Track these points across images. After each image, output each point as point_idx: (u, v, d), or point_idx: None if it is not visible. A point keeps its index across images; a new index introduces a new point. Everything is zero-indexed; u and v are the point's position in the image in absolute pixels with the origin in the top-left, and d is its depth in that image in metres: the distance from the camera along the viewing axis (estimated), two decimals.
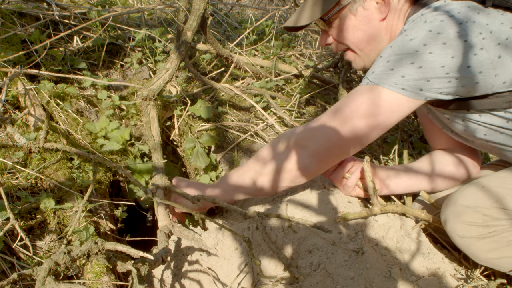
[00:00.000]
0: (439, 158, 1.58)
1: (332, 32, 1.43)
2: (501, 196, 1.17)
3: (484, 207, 1.18)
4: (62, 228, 1.32)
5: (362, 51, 1.40)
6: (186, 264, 1.39)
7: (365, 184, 1.41)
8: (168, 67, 1.73)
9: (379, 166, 1.58)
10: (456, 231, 1.25)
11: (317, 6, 1.35)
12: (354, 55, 1.44)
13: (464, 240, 1.24)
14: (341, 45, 1.45)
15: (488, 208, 1.18)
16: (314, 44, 3.05)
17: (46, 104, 1.72)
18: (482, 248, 1.23)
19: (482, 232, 1.20)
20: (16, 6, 2.15)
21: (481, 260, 1.27)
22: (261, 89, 2.20)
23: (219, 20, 3.07)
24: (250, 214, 1.34)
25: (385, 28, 1.35)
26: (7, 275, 1.12)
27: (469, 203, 1.21)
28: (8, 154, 1.45)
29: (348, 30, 1.37)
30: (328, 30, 1.43)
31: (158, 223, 1.44)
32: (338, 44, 1.45)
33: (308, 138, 1.29)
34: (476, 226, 1.20)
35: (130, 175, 1.46)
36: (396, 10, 1.34)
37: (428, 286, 1.29)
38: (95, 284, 1.18)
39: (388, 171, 1.54)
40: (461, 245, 1.27)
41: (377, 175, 1.50)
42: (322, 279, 1.24)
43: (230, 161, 2.12)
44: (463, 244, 1.26)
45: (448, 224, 1.27)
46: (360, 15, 1.34)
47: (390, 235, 1.41)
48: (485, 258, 1.25)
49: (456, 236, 1.26)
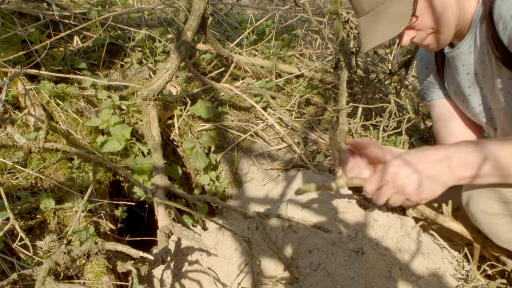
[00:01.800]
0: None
1: (420, 21, 1.28)
2: None
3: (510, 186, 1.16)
4: (62, 228, 1.32)
5: (443, 28, 1.29)
6: (186, 264, 1.39)
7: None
8: (168, 67, 1.73)
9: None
10: (479, 206, 1.22)
11: (400, 6, 1.24)
12: (435, 37, 1.32)
13: (487, 217, 1.23)
14: (424, 32, 1.32)
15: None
16: (314, 44, 3.05)
17: (46, 104, 1.72)
18: (504, 227, 1.21)
19: (504, 210, 1.19)
20: (16, 6, 2.15)
21: (501, 241, 1.25)
22: (261, 89, 2.20)
23: (219, 20, 3.07)
24: (250, 214, 1.34)
25: (458, 2, 1.27)
26: (7, 275, 1.12)
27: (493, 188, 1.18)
28: (8, 154, 1.45)
29: (429, 13, 1.25)
30: (412, 24, 1.29)
31: (158, 223, 1.44)
32: (421, 33, 1.32)
33: None
34: (499, 202, 1.19)
35: (130, 175, 1.46)
36: None
37: (428, 286, 1.29)
38: (95, 284, 1.18)
39: None
40: (483, 222, 1.25)
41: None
42: (322, 279, 1.24)
43: (230, 161, 2.12)
44: (485, 221, 1.24)
45: (472, 201, 1.24)
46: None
47: (390, 235, 1.41)
48: (506, 237, 1.24)
49: (479, 212, 1.23)
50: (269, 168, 2.05)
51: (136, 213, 1.83)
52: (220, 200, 1.39)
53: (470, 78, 1.40)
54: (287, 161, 2.05)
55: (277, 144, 2.14)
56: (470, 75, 1.39)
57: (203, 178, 2.03)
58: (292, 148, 2.08)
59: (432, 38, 1.35)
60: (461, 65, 1.40)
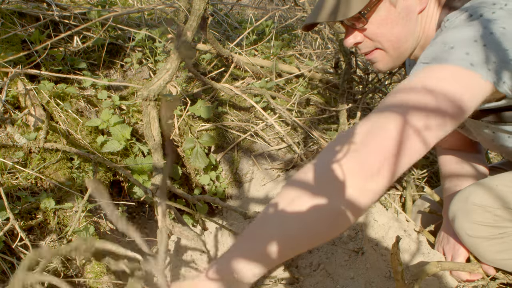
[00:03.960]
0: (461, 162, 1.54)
1: (368, 27, 1.20)
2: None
3: (495, 207, 1.15)
4: (62, 228, 1.32)
5: (395, 50, 1.22)
6: (186, 264, 1.39)
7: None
8: (168, 67, 1.73)
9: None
10: (464, 229, 1.22)
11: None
12: (383, 54, 1.25)
13: (472, 240, 1.22)
14: (372, 43, 1.24)
15: (500, 208, 1.14)
16: (314, 44, 3.05)
17: (46, 104, 1.72)
18: (490, 249, 1.21)
19: (491, 233, 1.17)
20: (16, 6, 2.15)
21: (487, 260, 1.25)
22: (261, 89, 2.20)
23: (219, 20, 3.07)
24: (250, 214, 1.34)
25: (420, 22, 1.19)
26: (7, 275, 1.12)
27: (480, 202, 1.17)
28: (8, 154, 1.45)
29: (387, 25, 1.17)
30: (359, 27, 1.21)
31: (158, 223, 1.44)
32: (369, 42, 1.24)
33: None
34: (485, 226, 1.17)
35: (130, 175, 1.46)
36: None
37: (428, 286, 1.29)
38: (95, 284, 1.19)
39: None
40: (468, 244, 1.25)
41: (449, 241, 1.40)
42: (322, 279, 1.24)
43: (230, 161, 2.12)
44: (471, 243, 1.24)
45: (457, 221, 1.24)
46: (400, 6, 1.15)
47: (390, 235, 1.41)
48: (492, 258, 1.23)
49: (464, 235, 1.23)
50: (269, 168, 2.05)
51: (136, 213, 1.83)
52: (220, 200, 1.39)
53: None
54: (287, 161, 2.05)
55: (277, 144, 2.14)
56: None
57: (203, 178, 2.03)
58: (292, 148, 2.08)
59: (380, 55, 1.25)
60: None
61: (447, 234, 1.40)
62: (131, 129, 1.80)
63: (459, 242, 1.34)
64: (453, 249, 1.35)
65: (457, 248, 1.34)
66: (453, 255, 1.34)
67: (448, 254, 1.37)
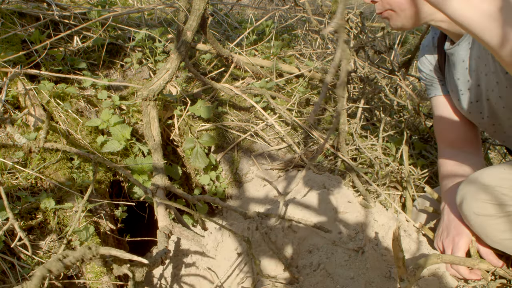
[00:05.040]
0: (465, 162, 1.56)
1: None
2: None
3: (503, 186, 1.18)
4: (62, 228, 1.32)
5: (403, 12, 1.32)
6: (186, 264, 1.39)
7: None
8: (168, 67, 1.73)
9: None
10: (472, 208, 1.24)
11: None
12: (393, 14, 1.36)
13: (479, 218, 1.24)
14: (383, 5, 1.35)
15: (507, 187, 1.17)
16: (314, 44, 3.04)
17: (46, 104, 1.72)
18: (497, 227, 1.22)
19: (498, 211, 1.20)
20: (16, 6, 2.15)
21: (494, 242, 1.26)
22: (261, 89, 2.20)
23: (219, 20, 3.07)
24: (250, 214, 1.34)
25: None
26: (7, 275, 1.12)
27: (488, 182, 1.21)
28: (8, 154, 1.45)
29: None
30: None
31: (158, 223, 1.44)
32: (381, 4, 1.36)
33: None
34: (492, 204, 1.20)
35: (130, 175, 1.46)
36: None
37: (428, 286, 1.29)
38: (95, 284, 1.19)
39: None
40: (476, 224, 1.26)
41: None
42: (322, 279, 1.24)
43: (230, 161, 2.12)
44: (478, 222, 1.25)
45: (465, 203, 1.26)
46: None
47: (390, 235, 1.41)
48: (499, 239, 1.25)
49: (472, 214, 1.25)
50: (269, 168, 2.05)
51: (136, 213, 1.83)
52: (220, 200, 1.39)
53: (471, 74, 1.40)
54: (287, 161, 2.05)
55: (277, 144, 2.14)
56: (471, 71, 1.39)
57: (203, 178, 2.03)
58: (292, 148, 2.08)
59: (389, 15, 1.37)
60: (461, 60, 1.40)
61: (446, 228, 1.42)
62: (131, 129, 1.80)
63: (458, 235, 1.37)
64: (452, 242, 1.37)
65: (456, 241, 1.36)
66: (452, 248, 1.36)
67: (448, 248, 1.38)
